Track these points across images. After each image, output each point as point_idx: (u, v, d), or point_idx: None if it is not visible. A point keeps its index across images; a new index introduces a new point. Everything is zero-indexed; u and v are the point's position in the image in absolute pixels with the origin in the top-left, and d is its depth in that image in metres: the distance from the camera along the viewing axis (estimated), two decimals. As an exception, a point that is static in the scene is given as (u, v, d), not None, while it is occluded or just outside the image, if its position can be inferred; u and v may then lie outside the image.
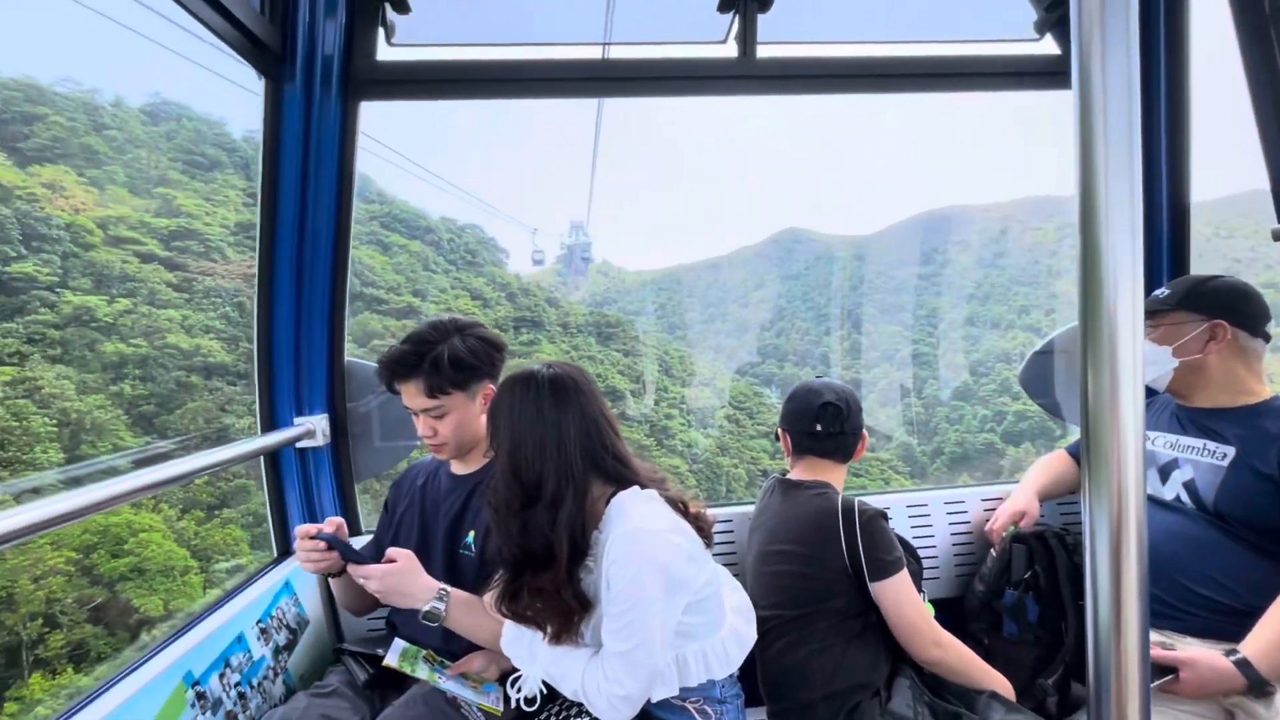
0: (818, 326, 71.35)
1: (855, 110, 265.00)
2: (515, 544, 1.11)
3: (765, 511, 1.57)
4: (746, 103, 23.40)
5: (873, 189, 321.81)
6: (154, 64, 45.12)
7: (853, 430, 1.51)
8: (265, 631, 1.38)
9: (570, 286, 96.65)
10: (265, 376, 1.61)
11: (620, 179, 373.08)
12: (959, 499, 1.84)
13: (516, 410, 1.13)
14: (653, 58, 1.67)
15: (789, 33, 1.74)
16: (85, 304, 24.85)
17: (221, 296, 30.35)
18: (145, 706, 1.07)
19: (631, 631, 1.05)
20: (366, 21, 1.58)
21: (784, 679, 1.42)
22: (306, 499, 1.64)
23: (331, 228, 1.61)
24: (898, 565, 1.36)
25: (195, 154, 38.69)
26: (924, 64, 1.75)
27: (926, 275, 73.56)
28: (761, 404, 50.59)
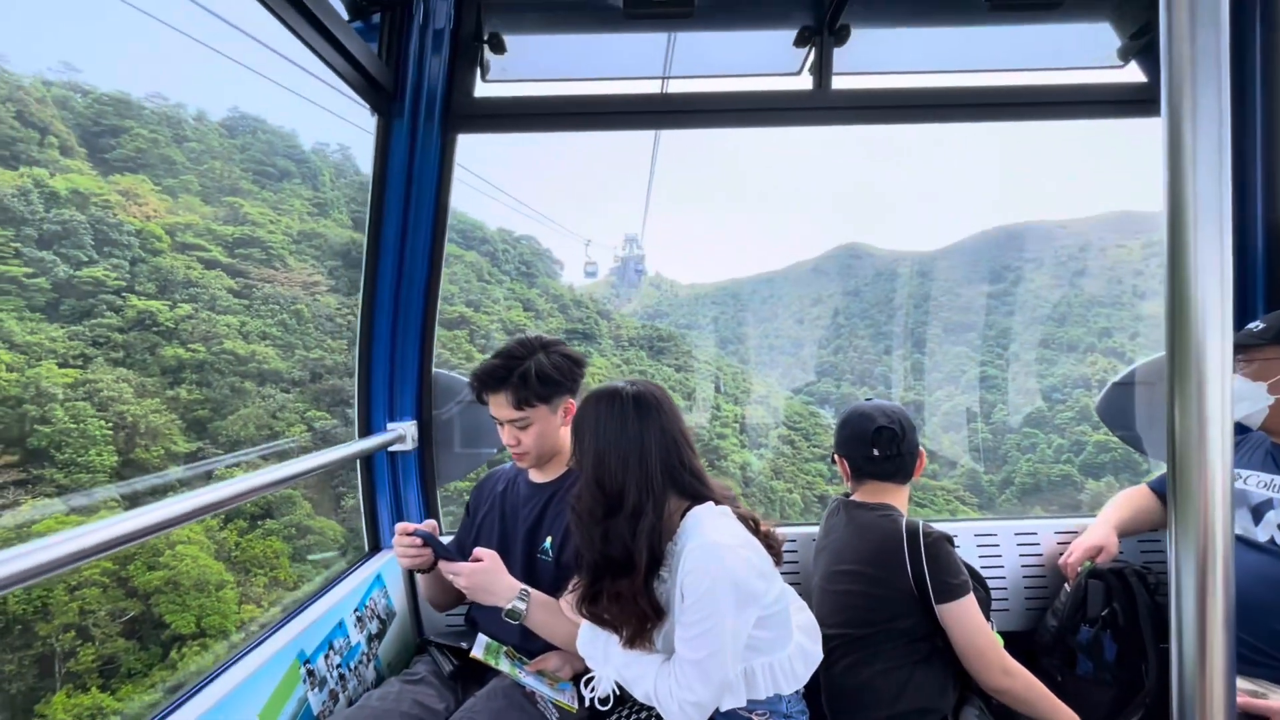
0: (877, 345, 69.08)
1: (917, 127, 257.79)
2: (597, 550, 1.19)
3: (831, 532, 1.60)
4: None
5: (937, 204, 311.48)
6: (240, 85, 48.94)
7: (909, 451, 1.52)
8: (360, 620, 1.53)
9: (623, 299, 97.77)
10: (364, 385, 1.79)
11: (676, 192, 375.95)
12: (1030, 530, 1.81)
13: (602, 424, 1.21)
14: (731, 90, 1.76)
15: (864, 64, 1.80)
16: (148, 308, 25.59)
17: (279, 304, 30.86)
18: (268, 678, 1.22)
19: (704, 641, 1.10)
20: (466, 61, 1.75)
21: (849, 698, 1.44)
22: (395, 499, 1.80)
23: (427, 251, 1.78)
24: (964, 589, 1.36)
25: (266, 165, 40.80)
26: (1002, 93, 1.77)
27: (996, 294, 70.16)
28: (818, 425, 49.10)
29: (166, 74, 65.76)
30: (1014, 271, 72.23)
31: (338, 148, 48.38)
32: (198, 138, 38.23)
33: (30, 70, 33.22)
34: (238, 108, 42.55)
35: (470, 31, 1.72)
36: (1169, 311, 0.47)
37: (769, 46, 1.83)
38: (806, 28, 1.75)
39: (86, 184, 27.82)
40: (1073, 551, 1.66)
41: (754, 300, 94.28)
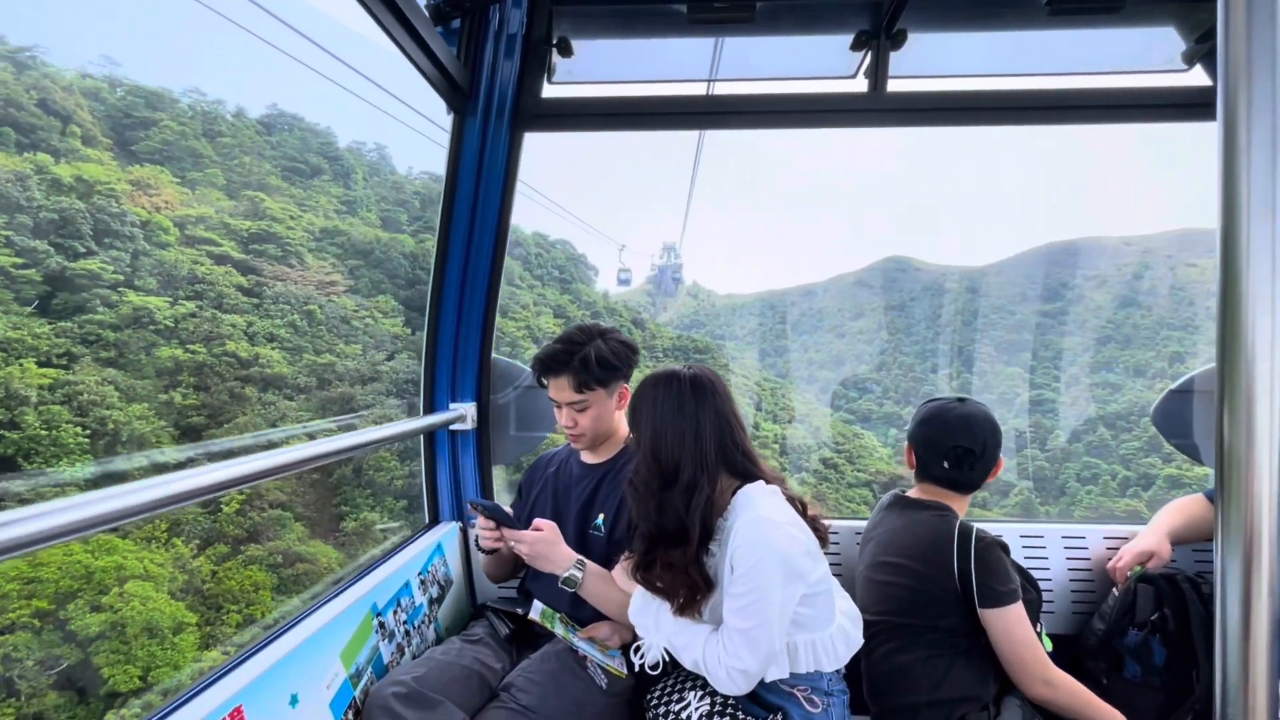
0: (924, 363, 67.21)
1: (969, 135, 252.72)
2: (652, 521, 1.29)
3: (879, 525, 1.65)
4: (855, 130, 23.17)
5: (986, 218, 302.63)
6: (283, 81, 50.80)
7: (984, 470, 1.53)
8: (424, 583, 1.67)
9: (659, 307, 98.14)
10: (430, 367, 1.95)
11: (716, 201, 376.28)
12: (1079, 534, 1.84)
13: (659, 404, 1.32)
14: (783, 93, 1.87)
15: (920, 67, 1.89)
16: (145, 305, 23.98)
17: (290, 304, 29.29)
18: (348, 623, 1.37)
19: (752, 611, 1.19)
20: (536, 63, 1.90)
21: (888, 681, 1.50)
22: (454, 475, 1.96)
23: (491, 243, 1.94)
24: (1011, 597, 1.39)
25: (298, 161, 40.35)
26: (1061, 96, 1.82)
27: (1051, 312, 67.47)
28: (862, 447, 47.50)
29: (211, 67, 68.50)
30: (1072, 289, 69.53)
31: (374, 147, 48.72)
32: (232, 133, 37.97)
33: (71, 64, 33.43)
34: (276, 105, 43.20)
35: (540, 36, 1.88)
36: (1220, 316, 0.48)
37: (824, 50, 1.94)
38: (863, 32, 1.84)
39: (93, 172, 26.76)
40: (1122, 556, 1.69)
41: (793, 312, 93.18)
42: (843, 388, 66.67)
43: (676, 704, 1.39)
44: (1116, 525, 1.85)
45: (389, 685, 1.31)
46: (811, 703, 1.33)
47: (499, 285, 1.98)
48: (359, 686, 1.35)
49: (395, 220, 42.90)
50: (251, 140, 39.06)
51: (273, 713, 1.13)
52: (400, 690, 1.30)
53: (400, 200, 45.79)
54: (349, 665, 1.34)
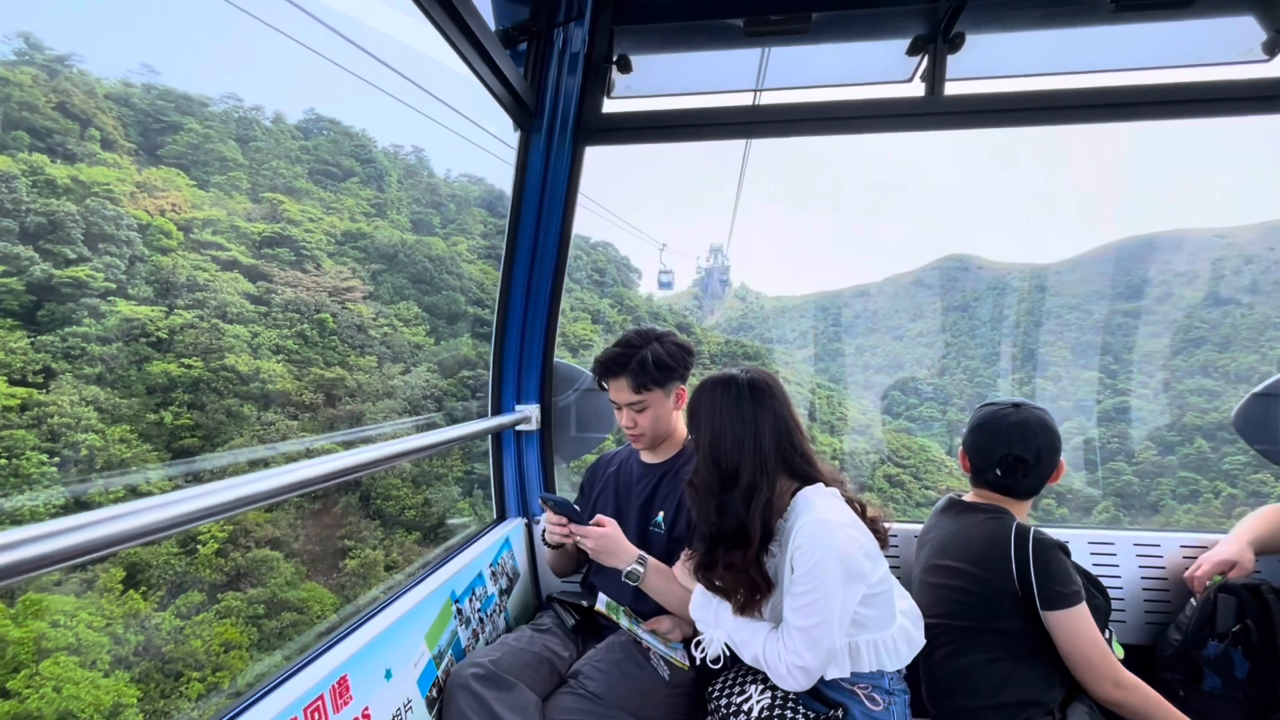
0: (989, 367, 64.34)
1: (1031, 133, 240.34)
2: (712, 523, 1.37)
3: (935, 529, 1.69)
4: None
5: (1052, 215, 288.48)
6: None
7: (1040, 477, 1.54)
8: (495, 574, 1.82)
9: (705, 310, 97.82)
10: (497, 370, 2.12)
11: (764, 202, 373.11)
12: (1152, 542, 1.83)
13: (718, 408, 1.38)
14: (844, 99, 1.95)
15: (979, 69, 1.93)
16: (135, 315, 22.41)
17: (300, 312, 27.58)
18: (430, 608, 1.53)
19: (812, 610, 1.25)
20: (596, 80, 2.04)
21: (948, 684, 1.54)
22: (519, 474, 2.11)
23: (554, 252, 2.08)
24: (1075, 598, 1.40)
25: (330, 164, 39.35)
26: (1131, 93, 1.83)
27: (1133, 311, 63.44)
28: (928, 460, 44.85)
29: (262, 76, 71.98)
30: (1158, 286, 65.28)
31: (411, 150, 48.41)
32: (267, 138, 37.30)
33: (110, 73, 33.36)
34: (314, 109, 43.59)
35: (602, 54, 2.02)
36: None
37: (880, 56, 2.01)
38: (920, 36, 1.90)
39: (91, 173, 25.44)
40: (1201, 565, 1.67)
41: (846, 314, 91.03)
42: (901, 393, 64.47)
43: (738, 696, 1.46)
44: (1193, 534, 1.83)
45: (468, 666, 1.45)
46: (873, 700, 1.38)
47: (561, 292, 2.12)
48: (441, 666, 1.50)
49: (427, 223, 42.39)
50: (285, 144, 38.64)
51: (371, 685, 1.28)
52: (479, 672, 1.43)
53: (435, 202, 45.26)
54: (432, 646, 1.50)
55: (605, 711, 1.47)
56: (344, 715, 1.19)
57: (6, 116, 26.01)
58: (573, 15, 1.95)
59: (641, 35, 2.04)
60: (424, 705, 1.40)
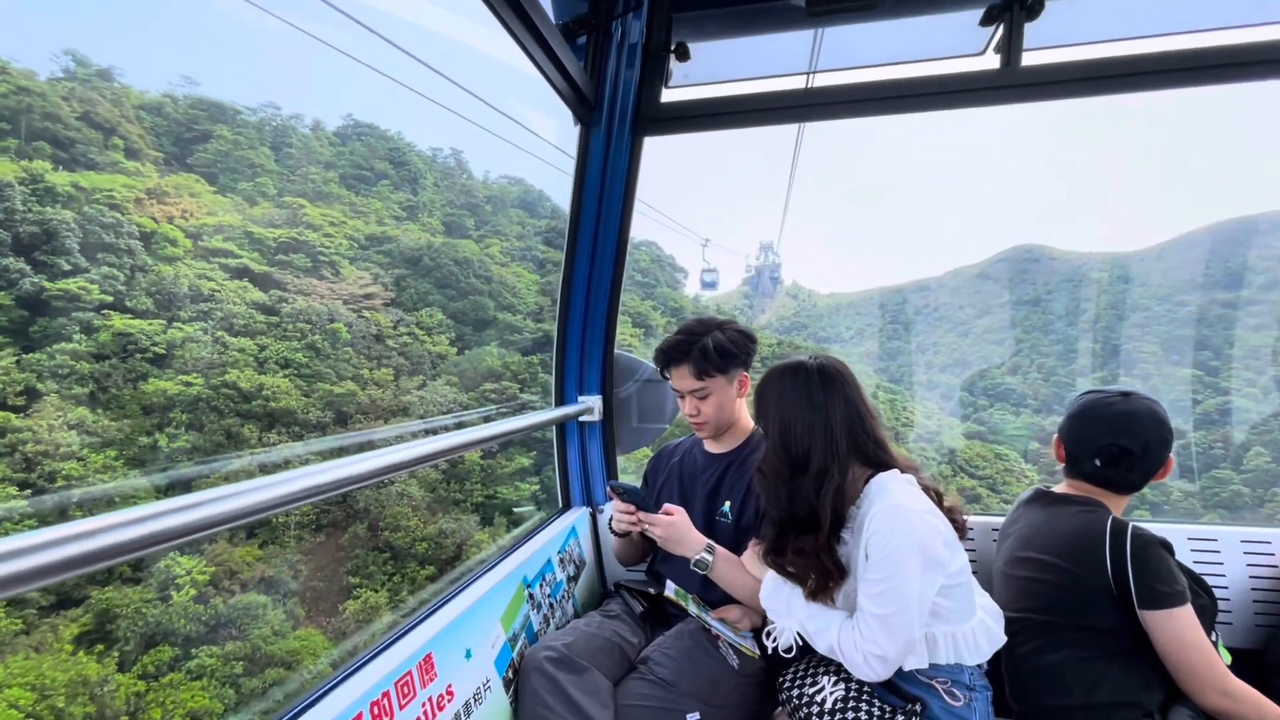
0: (1067, 364, 60.70)
1: (1108, 108, 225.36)
2: (783, 508, 1.38)
3: (1019, 520, 1.65)
4: (977, 111, 20.55)
5: (1135, 197, 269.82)
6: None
7: (1144, 472, 1.48)
8: (563, 561, 1.88)
9: (756, 309, 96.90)
10: (560, 363, 2.19)
11: (815, 196, 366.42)
12: (1262, 539, 1.73)
13: (787, 394, 1.39)
14: (904, 76, 1.92)
15: (1060, 36, 1.87)
16: (131, 330, 21.21)
17: (312, 322, 26.22)
18: (505, 592, 1.60)
19: (889, 598, 1.24)
20: (654, 70, 2.09)
21: (1034, 681, 1.50)
22: (583, 464, 2.18)
23: (614, 245, 2.14)
24: (1178, 599, 1.34)
25: (364, 169, 39.81)
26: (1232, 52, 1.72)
27: (1233, 302, 58.60)
28: (1005, 470, 41.88)
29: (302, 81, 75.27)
30: (1262, 272, 60.23)
31: (450, 152, 49.28)
32: (303, 144, 38.04)
33: (154, 85, 35.04)
34: (351, 115, 44.24)
35: (659, 43, 2.06)
36: None
37: (949, 28, 1.97)
38: (994, 6, 1.86)
39: (94, 180, 24.67)
40: None
41: (905, 311, 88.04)
42: (969, 394, 61.68)
43: (810, 687, 1.46)
44: None
45: (542, 649, 1.51)
46: (952, 695, 1.36)
47: (621, 283, 2.17)
48: (515, 649, 1.57)
49: (460, 225, 42.02)
50: (320, 150, 39.23)
51: (453, 663, 1.35)
52: (552, 655, 1.49)
53: (470, 204, 44.77)
54: (507, 629, 1.57)
55: (675, 698, 1.50)
56: (430, 691, 1.27)
57: (29, 127, 26.01)
58: (631, 6, 2.00)
59: (700, 22, 2.07)
60: (501, 686, 1.47)
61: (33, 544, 0.61)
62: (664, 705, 1.49)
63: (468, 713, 1.36)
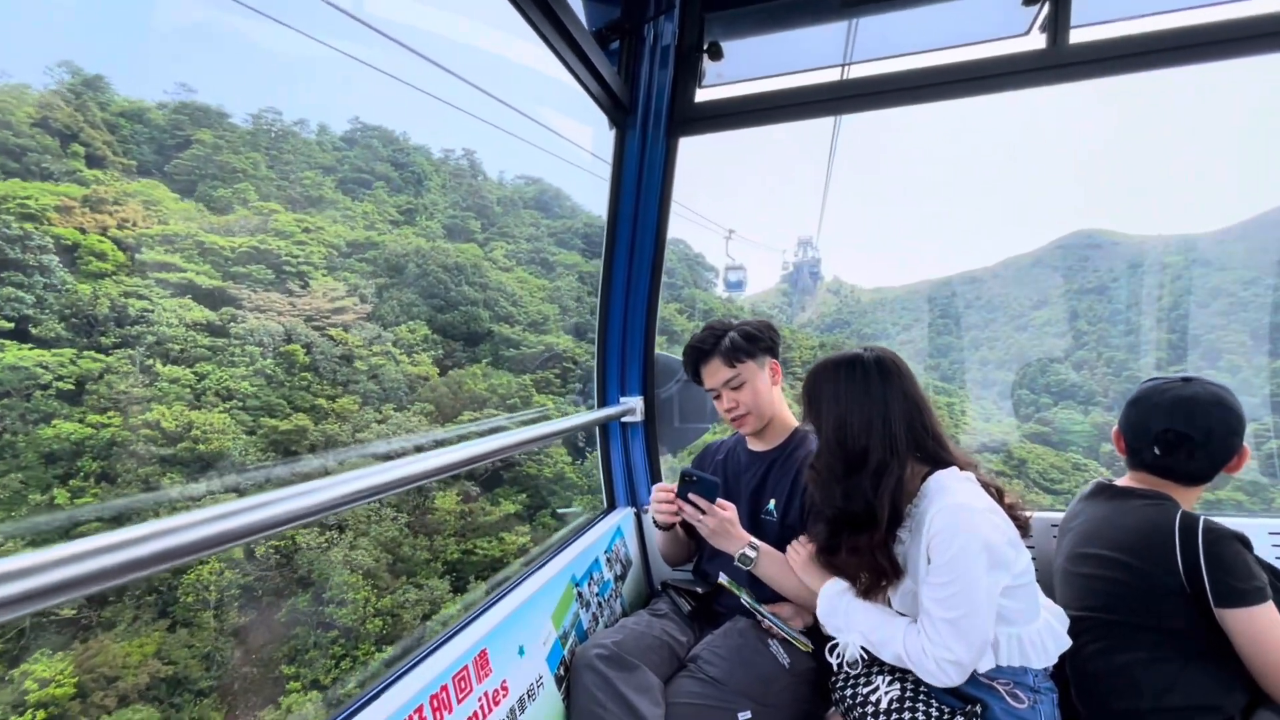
0: (1139, 358, 57.44)
1: (1167, 82, 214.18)
2: (837, 506, 1.38)
3: (1080, 515, 1.63)
4: (1026, 92, 19.32)
5: (1202, 175, 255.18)
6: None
7: (1211, 460, 1.44)
8: (610, 561, 1.95)
9: (796, 307, 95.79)
10: (601, 364, 2.26)
11: (855, 188, 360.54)
12: None
13: (843, 388, 1.39)
14: (947, 63, 1.93)
15: (1110, 10, 1.85)
16: (25, 363, 17.73)
17: (264, 344, 22.80)
18: (555, 589, 1.67)
19: (958, 601, 1.24)
20: (687, 71, 2.15)
21: (1102, 683, 1.47)
22: (626, 463, 2.25)
23: (652, 246, 2.20)
24: (1258, 595, 1.31)
25: (363, 171, 38.09)
26: None
27: None
28: (1085, 483, 37.70)
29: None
30: None
31: (463, 153, 47.16)
32: (304, 148, 36.24)
33: (150, 95, 32.75)
34: (359, 117, 42.43)
35: (692, 43, 2.12)
36: None
37: (991, 9, 1.97)
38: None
39: (8, 188, 21.65)
40: None
41: (954, 305, 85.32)
42: (1030, 393, 59.09)
43: (865, 687, 1.46)
44: None
45: (592, 647, 1.57)
46: (1015, 698, 1.34)
47: (659, 284, 2.23)
48: (566, 646, 1.64)
49: (463, 228, 39.75)
50: (319, 154, 37.29)
51: (507, 659, 1.42)
52: (603, 653, 1.55)
53: (479, 206, 42.93)
54: (558, 627, 1.64)
55: (726, 697, 1.54)
56: (485, 686, 1.34)
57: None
58: (662, 9, 2.06)
59: (733, 20, 2.13)
60: (553, 682, 1.54)
61: None
62: (715, 704, 1.52)
63: (522, 708, 1.42)
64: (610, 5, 2.10)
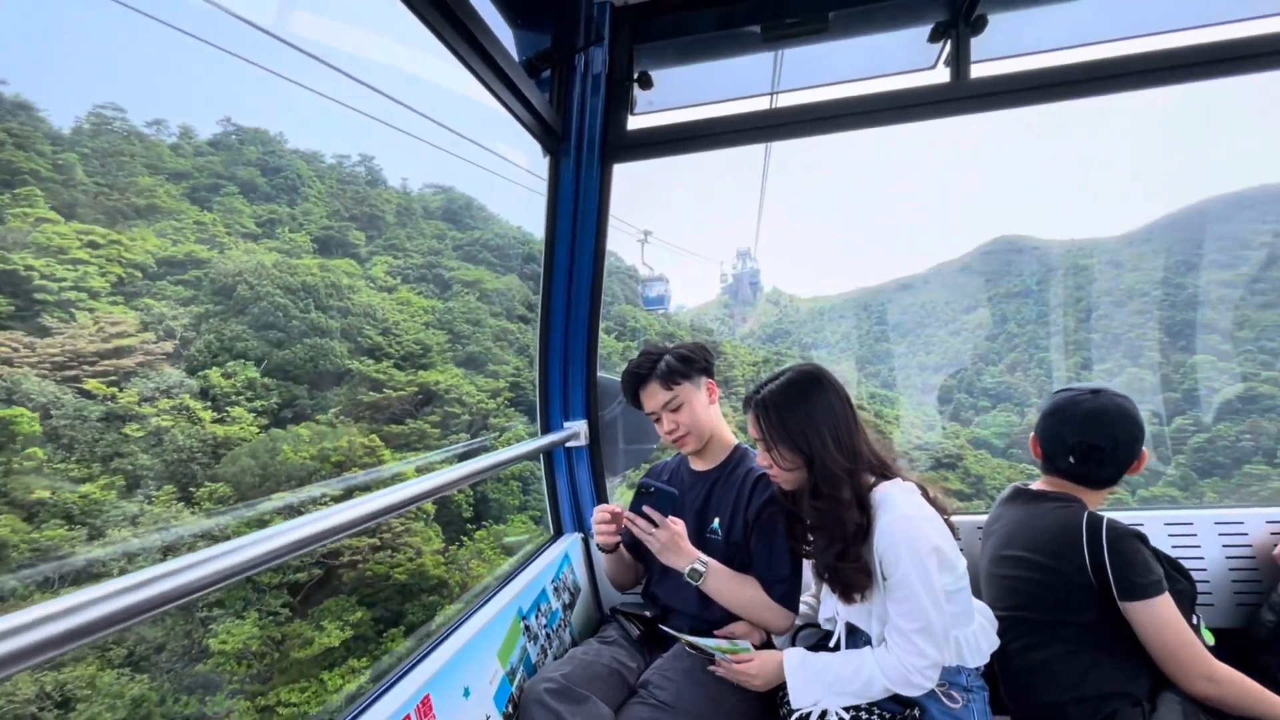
0: (1069, 358, 60.77)
1: (1069, 107, 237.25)
2: (843, 527, 1.45)
3: (1000, 519, 1.77)
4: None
5: (1107, 182, 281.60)
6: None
7: (1116, 467, 1.60)
8: (557, 590, 1.98)
9: (738, 319, 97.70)
10: (544, 390, 2.31)
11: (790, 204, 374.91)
12: (1235, 520, 1.89)
13: (794, 407, 1.50)
14: (868, 93, 2.10)
15: (1004, 49, 2.06)
16: None
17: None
18: (500, 626, 1.68)
19: (920, 611, 1.35)
20: (619, 99, 2.25)
21: (1026, 678, 1.61)
22: (572, 488, 2.29)
23: (590, 271, 2.28)
24: (1156, 588, 1.44)
25: (221, 177, 33.15)
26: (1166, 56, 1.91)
27: (1235, 281, 59.23)
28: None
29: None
30: (1258, 249, 61.18)
31: (359, 159, 42.34)
32: (152, 151, 30.90)
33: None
34: (230, 119, 37.21)
35: (623, 73, 2.22)
36: None
37: (900, 46, 2.16)
38: (941, 23, 2.05)
39: None
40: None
41: (890, 310, 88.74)
42: (969, 395, 61.91)
43: None
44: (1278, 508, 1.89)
45: (541, 682, 1.59)
46: (950, 698, 1.47)
47: (600, 308, 2.31)
48: (514, 683, 1.65)
49: (341, 241, 34.58)
50: (169, 157, 31.98)
51: (452, 703, 1.42)
52: (552, 686, 1.57)
53: (369, 216, 37.56)
54: (505, 663, 1.65)
55: (677, 719, 1.60)
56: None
57: None
58: (592, 39, 2.16)
59: (660, 51, 2.25)
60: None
61: None
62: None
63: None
64: (540, 35, 2.19)
